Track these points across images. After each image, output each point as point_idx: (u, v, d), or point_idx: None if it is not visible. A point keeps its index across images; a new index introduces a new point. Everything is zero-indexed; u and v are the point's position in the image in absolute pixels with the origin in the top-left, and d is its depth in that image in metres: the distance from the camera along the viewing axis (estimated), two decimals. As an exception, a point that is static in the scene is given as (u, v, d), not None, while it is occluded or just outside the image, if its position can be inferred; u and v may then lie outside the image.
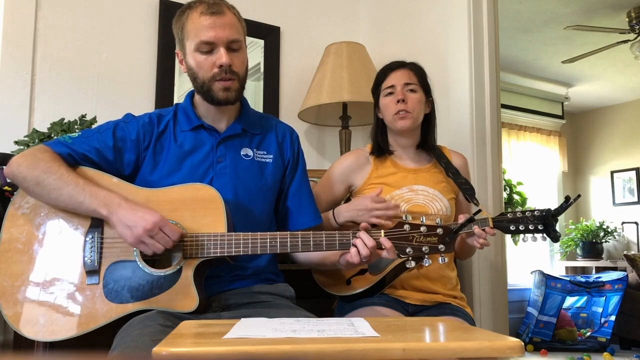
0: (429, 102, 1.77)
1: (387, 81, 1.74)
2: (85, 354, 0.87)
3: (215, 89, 1.39)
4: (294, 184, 1.55)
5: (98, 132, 1.41)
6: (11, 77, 2.05)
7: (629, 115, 5.92)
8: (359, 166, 1.76)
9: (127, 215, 1.23)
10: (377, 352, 0.81)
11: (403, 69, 1.74)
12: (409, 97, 1.70)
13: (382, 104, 1.75)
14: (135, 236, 1.22)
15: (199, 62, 1.38)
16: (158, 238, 1.22)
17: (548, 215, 1.47)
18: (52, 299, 1.26)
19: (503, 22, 4.00)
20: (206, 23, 1.36)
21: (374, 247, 1.28)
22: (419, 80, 1.73)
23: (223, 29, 1.36)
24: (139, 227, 1.21)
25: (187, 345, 0.87)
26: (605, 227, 5.52)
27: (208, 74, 1.38)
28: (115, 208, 1.25)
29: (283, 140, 1.55)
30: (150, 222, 1.21)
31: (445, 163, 1.74)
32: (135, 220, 1.22)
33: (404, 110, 1.68)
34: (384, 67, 1.78)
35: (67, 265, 1.29)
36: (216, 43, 1.37)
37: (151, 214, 1.23)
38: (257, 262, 1.45)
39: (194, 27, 1.38)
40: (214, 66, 1.37)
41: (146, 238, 1.22)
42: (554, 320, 4.37)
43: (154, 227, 1.21)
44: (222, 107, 1.45)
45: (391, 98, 1.71)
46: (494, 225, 1.51)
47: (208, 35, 1.36)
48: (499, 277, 2.20)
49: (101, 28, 2.24)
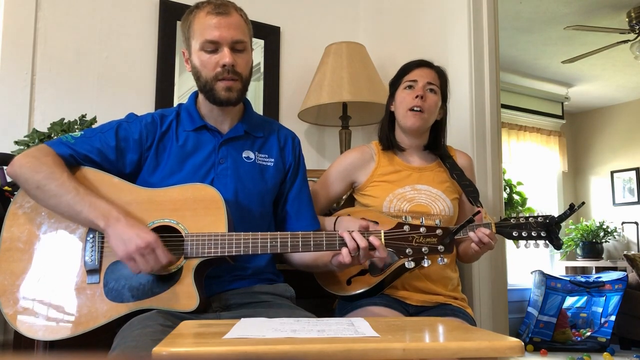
0: (442, 110, 1.77)
1: (411, 75, 1.73)
2: (85, 354, 0.87)
3: (218, 88, 1.39)
4: (294, 188, 1.55)
5: (100, 132, 1.42)
6: (11, 77, 2.05)
7: (629, 115, 5.92)
8: (363, 163, 1.75)
9: (124, 230, 1.22)
10: (377, 352, 0.81)
11: (429, 68, 1.74)
12: (428, 96, 1.69)
13: (399, 96, 1.74)
14: (127, 251, 1.21)
15: (202, 61, 1.39)
16: (148, 258, 1.21)
17: (552, 223, 1.46)
18: (52, 298, 1.26)
19: (503, 22, 4.00)
20: (212, 22, 1.37)
21: (365, 247, 1.27)
22: (440, 84, 1.74)
23: (228, 29, 1.37)
24: (132, 243, 1.20)
25: (187, 345, 0.87)
26: (605, 227, 5.52)
27: (211, 73, 1.38)
28: (113, 222, 1.24)
29: (285, 144, 1.55)
30: (145, 241, 1.20)
31: (450, 163, 1.74)
32: (131, 237, 1.21)
33: (419, 107, 1.68)
34: (410, 61, 1.77)
35: (67, 264, 1.29)
36: (220, 42, 1.37)
37: (148, 234, 1.22)
38: (257, 262, 1.45)
39: (199, 26, 1.39)
40: (217, 65, 1.38)
41: (137, 255, 1.21)
42: (554, 320, 4.37)
43: (147, 246, 1.20)
44: (225, 108, 1.45)
45: (410, 91, 1.70)
46: (497, 230, 1.50)
47: (213, 34, 1.36)
48: (499, 277, 2.20)
49: (101, 28, 2.24)
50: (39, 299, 1.26)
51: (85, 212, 1.26)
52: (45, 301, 1.26)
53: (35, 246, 1.30)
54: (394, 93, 1.77)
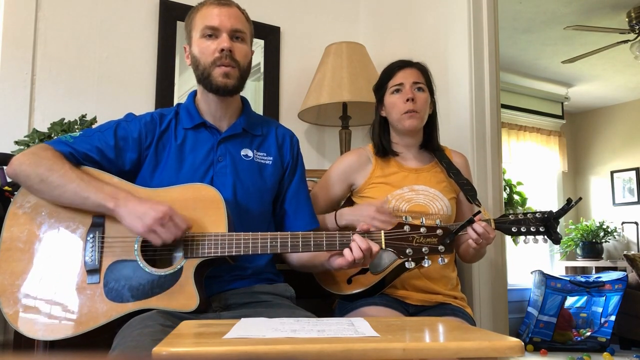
0: (432, 103, 1.77)
1: (395, 79, 1.72)
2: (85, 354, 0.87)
3: (215, 74, 1.40)
4: (292, 187, 1.55)
5: (99, 131, 1.42)
6: (11, 77, 2.05)
7: (629, 115, 5.93)
8: (361, 165, 1.75)
9: (136, 206, 1.24)
10: (377, 352, 0.81)
11: (411, 67, 1.74)
12: (417, 97, 1.69)
13: (389, 102, 1.73)
14: (146, 225, 1.22)
15: (202, 48, 1.41)
16: (168, 227, 1.23)
17: (550, 218, 1.46)
18: (52, 298, 1.26)
19: (503, 22, 4.00)
20: (213, 11, 1.42)
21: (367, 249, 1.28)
22: (425, 80, 1.74)
23: (229, 18, 1.42)
24: (149, 216, 1.22)
25: (187, 345, 0.87)
26: (605, 227, 5.52)
27: (209, 58, 1.40)
28: (123, 201, 1.26)
29: (283, 143, 1.55)
30: (161, 211, 1.22)
31: (446, 163, 1.74)
32: (145, 210, 1.23)
33: (413, 109, 1.68)
34: (391, 65, 1.77)
35: (67, 264, 1.29)
36: (220, 29, 1.41)
37: (160, 204, 1.24)
38: (257, 262, 1.45)
39: (201, 17, 1.43)
40: (215, 51, 1.40)
41: (157, 227, 1.22)
42: (554, 320, 4.37)
43: (164, 215, 1.22)
44: (223, 100, 1.45)
45: (399, 96, 1.70)
46: (496, 226, 1.51)
47: (213, 20, 1.41)
48: (499, 277, 2.20)
49: (101, 28, 2.24)
50: (39, 298, 1.26)
51: (92, 197, 1.27)
52: (45, 301, 1.26)
53: (35, 246, 1.30)
54: (381, 98, 1.77)
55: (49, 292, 1.27)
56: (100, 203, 1.27)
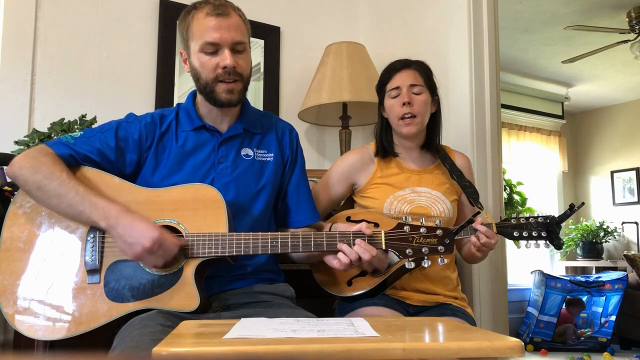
0: (435, 101, 1.75)
1: (392, 82, 1.70)
2: (85, 354, 0.87)
3: (219, 90, 1.39)
4: (293, 181, 1.55)
5: (100, 131, 1.41)
6: (11, 77, 2.05)
7: (629, 115, 5.93)
8: (363, 165, 1.75)
9: (127, 230, 1.23)
10: (377, 352, 0.81)
11: (408, 69, 1.71)
12: (414, 100, 1.67)
13: (388, 105, 1.72)
14: (136, 253, 1.22)
15: (202, 63, 1.38)
16: (157, 254, 1.22)
17: (552, 223, 1.46)
18: (52, 298, 1.26)
19: (503, 22, 4.00)
20: (211, 24, 1.36)
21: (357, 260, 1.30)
22: (424, 81, 1.70)
23: (228, 31, 1.36)
24: (139, 245, 1.21)
25: (187, 345, 0.87)
26: (605, 227, 5.52)
27: (211, 74, 1.38)
28: (114, 221, 1.24)
29: (282, 137, 1.55)
30: (151, 240, 1.20)
31: (449, 164, 1.74)
32: (136, 239, 1.21)
33: (410, 113, 1.66)
34: (389, 66, 1.74)
35: (68, 264, 1.29)
36: (221, 44, 1.37)
37: (150, 230, 1.22)
38: (257, 262, 1.45)
39: (199, 28, 1.38)
40: (217, 67, 1.37)
41: (146, 255, 1.22)
42: (554, 320, 4.37)
43: (154, 244, 1.21)
44: (225, 109, 1.45)
45: (396, 100, 1.68)
46: (498, 231, 1.50)
47: (213, 36, 1.36)
48: (499, 277, 2.20)
49: (101, 28, 2.24)
50: (39, 298, 1.26)
51: (86, 213, 1.26)
52: (45, 301, 1.26)
53: (35, 246, 1.30)
54: (382, 100, 1.76)
55: (49, 292, 1.27)
56: (94, 221, 1.27)
